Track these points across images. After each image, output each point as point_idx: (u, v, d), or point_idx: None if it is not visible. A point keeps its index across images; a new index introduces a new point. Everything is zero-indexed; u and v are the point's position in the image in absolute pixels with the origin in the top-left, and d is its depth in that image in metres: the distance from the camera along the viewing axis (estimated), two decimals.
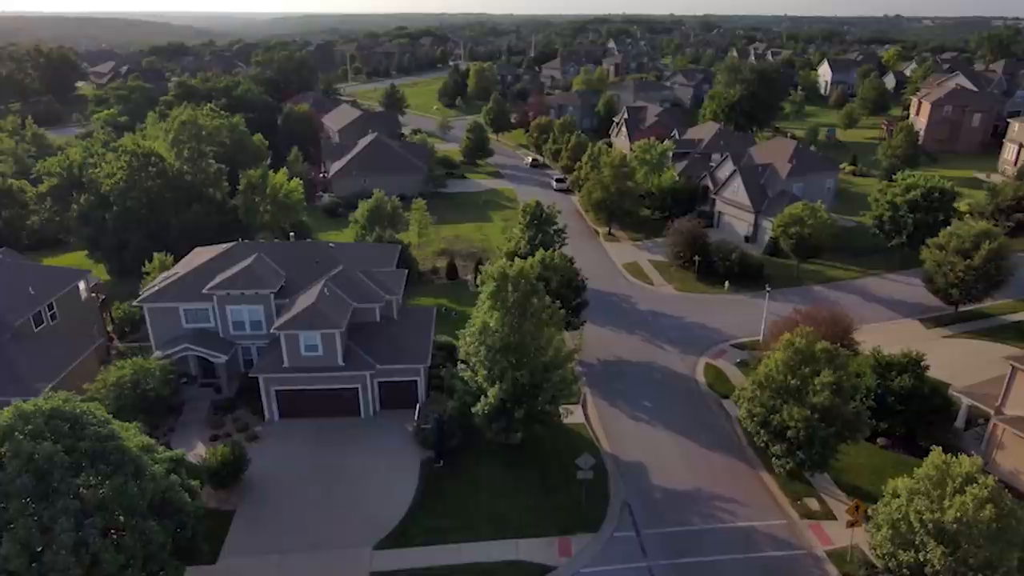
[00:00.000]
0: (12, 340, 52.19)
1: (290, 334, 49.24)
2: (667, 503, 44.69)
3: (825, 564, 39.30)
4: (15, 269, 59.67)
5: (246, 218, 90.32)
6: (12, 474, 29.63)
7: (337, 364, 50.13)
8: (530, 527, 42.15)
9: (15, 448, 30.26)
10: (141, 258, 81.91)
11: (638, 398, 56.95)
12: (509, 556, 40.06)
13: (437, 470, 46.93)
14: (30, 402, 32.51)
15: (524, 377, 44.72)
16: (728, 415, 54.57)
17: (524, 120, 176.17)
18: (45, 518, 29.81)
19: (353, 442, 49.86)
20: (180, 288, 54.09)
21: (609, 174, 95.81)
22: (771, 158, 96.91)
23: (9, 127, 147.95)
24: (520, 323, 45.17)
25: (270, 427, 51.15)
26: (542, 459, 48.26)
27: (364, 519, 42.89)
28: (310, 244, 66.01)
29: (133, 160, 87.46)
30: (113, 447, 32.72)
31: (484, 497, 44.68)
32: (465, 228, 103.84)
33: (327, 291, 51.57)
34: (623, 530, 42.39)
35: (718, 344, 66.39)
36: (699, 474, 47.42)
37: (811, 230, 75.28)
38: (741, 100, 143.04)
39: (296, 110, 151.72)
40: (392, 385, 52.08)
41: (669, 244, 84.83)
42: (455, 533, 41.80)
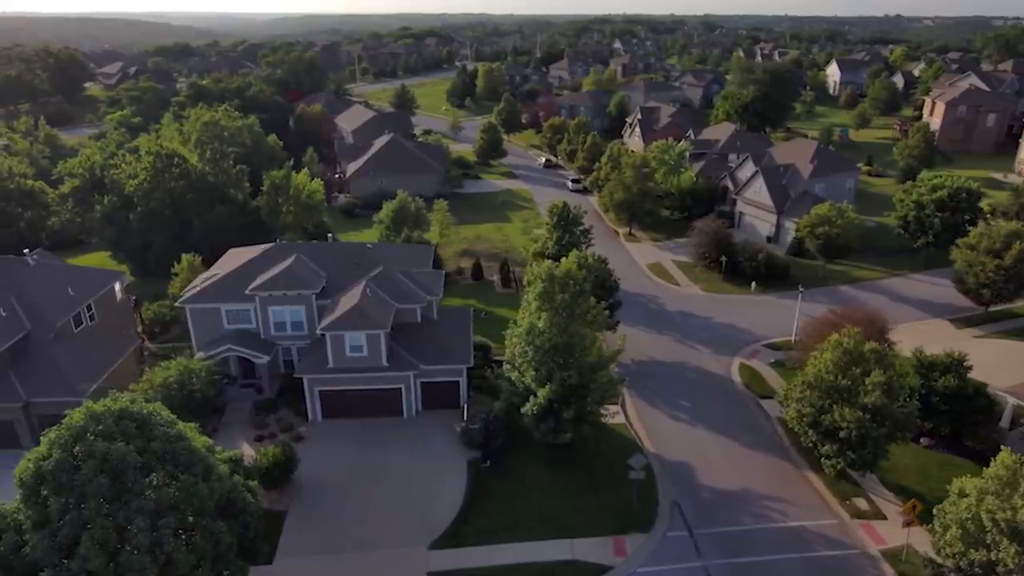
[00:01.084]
0: (55, 341, 52.27)
1: (335, 335, 49.36)
2: (716, 503, 44.84)
3: (880, 563, 39.46)
4: (53, 270, 59.74)
5: (269, 219, 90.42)
6: (88, 475, 29.73)
7: (381, 365, 50.26)
8: (582, 527, 42.29)
9: (89, 449, 30.38)
10: (165, 259, 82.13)
11: (675, 398, 57.12)
12: (564, 556, 40.20)
13: (484, 470, 47.05)
14: (99, 403, 32.66)
15: (573, 377, 44.89)
16: (767, 415, 54.75)
17: (535, 120, 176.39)
18: (121, 518, 29.91)
19: (397, 442, 49.99)
20: (222, 289, 54.22)
21: (630, 175, 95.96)
22: (792, 158, 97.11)
23: (22, 128, 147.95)
24: (567, 324, 45.32)
25: (313, 427, 51.27)
26: (587, 459, 48.42)
27: (416, 519, 43.03)
28: (348, 245, 66.12)
29: (157, 161, 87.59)
30: (183, 448, 32.86)
31: (533, 497, 44.82)
32: (485, 228, 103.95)
33: (369, 292, 51.66)
34: (675, 530, 42.55)
35: (750, 344, 66.55)
36: (745, 474, 47.56)
37: (839, 230, 75.42)
38: (755, 101, 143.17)
39: (310, 111, 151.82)
40: (434, 385, 52.23)
41: (694, 245, 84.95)
42: (508, 533, 41.93)
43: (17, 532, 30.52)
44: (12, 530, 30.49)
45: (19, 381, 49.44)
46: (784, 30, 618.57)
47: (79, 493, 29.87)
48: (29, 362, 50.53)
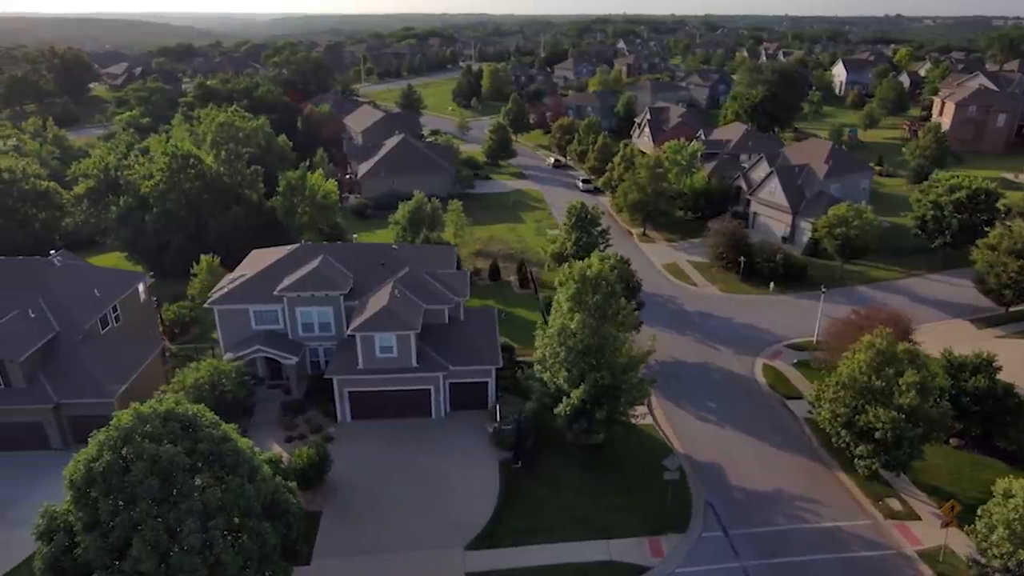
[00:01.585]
0: (83, 342, 52.31)
1: (366, 336, 49.40)
2: (749, 503, 44.91)
3: (918, 564, 39.55)
4: (78, 271, 59.78)
5: (285, 219, 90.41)
6: (139, 476, 29.76)
7: (411, 365, 50.32)
8: (617, 527, 42.37)
9: (138, 450, 30.40)
10: (181, 260, 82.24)
11: (701, 399, 57.21)
12: (601, 556, 40.28)
13: (515, 471, 47.09)
14: (146, 404, 32.71)
15: (606, 378, 44.93)
16: (794, 415, 54.85)
17: (542, 121, 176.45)
18: (172, 520, 29.95)
19: (427, 443, 50.05)
20: (250, 290, 54.27)
21: (645, 175, 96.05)
22: (806, 159, 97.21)
23: (31, 129, 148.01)
24: (599, 325, 45.38)
25: (343, 428, 51.30)
26: (618, 460, 48.51)
27: (450, 520, 43.09)
28: (373, 245, 66.19)
29: (172, 162, 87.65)
30: (229, 449, 32.90)
31: (566, 498, 44.89)
32: (498, 229, 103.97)
33: (397, 293, 51.71)
34: (710, 530, 42.62)
35: (771, 345, 66.64)
36: (776, 474, 47.65)
37: (857, 231, 75.49)
38: (764, 101, 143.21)
39: (318, 111, 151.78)
40: (463, 386, 52.32)
41: (711, 245, 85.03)
42: (543, 534, 42.00)
43: (67, 533, 30.54)
44: (62, 531, 30.49)
45: (49, 383, 49.48)
46: (785, 30, 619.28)
47: (129, 494, 29.91)
48: (58, 364, 50.55)
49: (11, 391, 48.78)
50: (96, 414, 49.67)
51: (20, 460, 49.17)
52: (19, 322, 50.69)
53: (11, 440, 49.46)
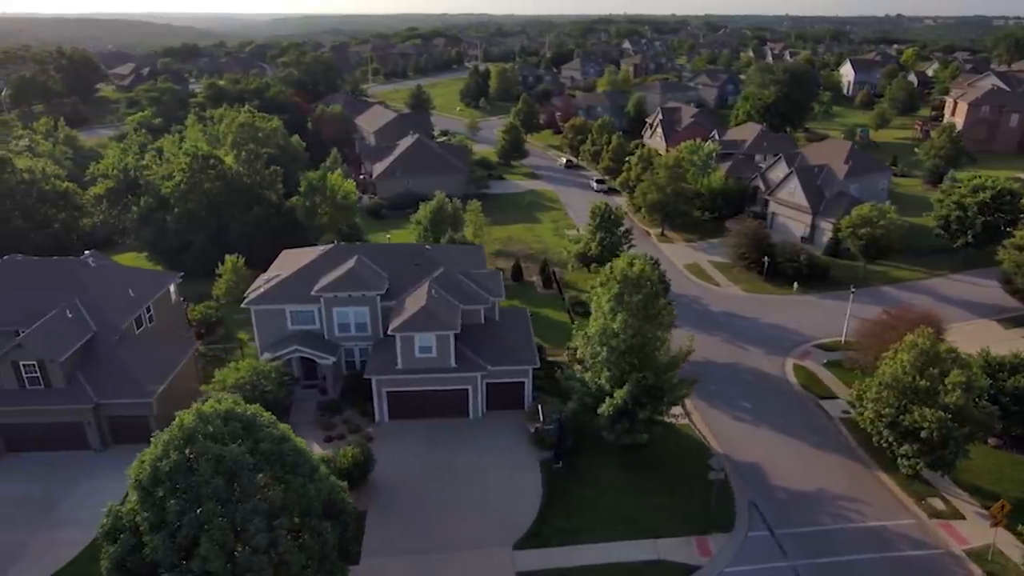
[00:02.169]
0: (120, 342, 52.36)
1: (405, 336, 49.47)
2: (792, 503, 45.02)
3: (966, 563, 39.65)
4: (112, 272, 59.85)
5: (306, 220, 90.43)
6: (206, 476, 29.84)
7: (450, 365, 50.40)
8: (663, 527, 42.47)
9: (203, 450, 30.47)
10: (202, 260, 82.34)
11: (734, 398, 57.30)
12: (650, 556, 40.37)
13: (557, 470, 47.16)
14: (206, 404, 32.78)
15: (649, 378, 45.07)
16: (828, 415, 54.96)
17: (551, 121, 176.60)
18: (238, 519, 30.00)
19: (466, 443, 50.15)
20: (286, 290, 54.33)
21: (664, 175, 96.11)
22: (826, 159, 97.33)
23: (43, 129, 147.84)
24: (641, 325, 45.48)
25: (380, 428, 51.37)
26: (658, 460, 48.60)
27: (496, 519, 43.18)
28: (406, 246, 66.24)
29: (193, 162, 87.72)
30: (289, 448, 33.01)
31: (610, 497, 44.98)
32: (515, 229, 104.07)
33: (434, 293, 51.78)
34: (756, 530, 42.70)
35: (800, 345, 66.76)
36: (816, 474, 47.76)
37: (882, 231, 75.61)
38: (776, 101, 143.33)
39: (330, 111, 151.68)
40: (499, 386, 52.39)
41: (732, 245, 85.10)
42: (589, 533, 42.09)
43: (133, 533, 30.58)
44: (128, 531, 30.54)
45: (88, 383, 49.51)
46: (786, 30, 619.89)
47: (195, 494, 29.97)
48: (97, 364, 50.61)
49: (51, 391, 48.82)
50: (134, 414, 50.07)
51: (59, 460, 49.26)
52: (58, 322, 50.75)
53: (51, 440, 49.52)
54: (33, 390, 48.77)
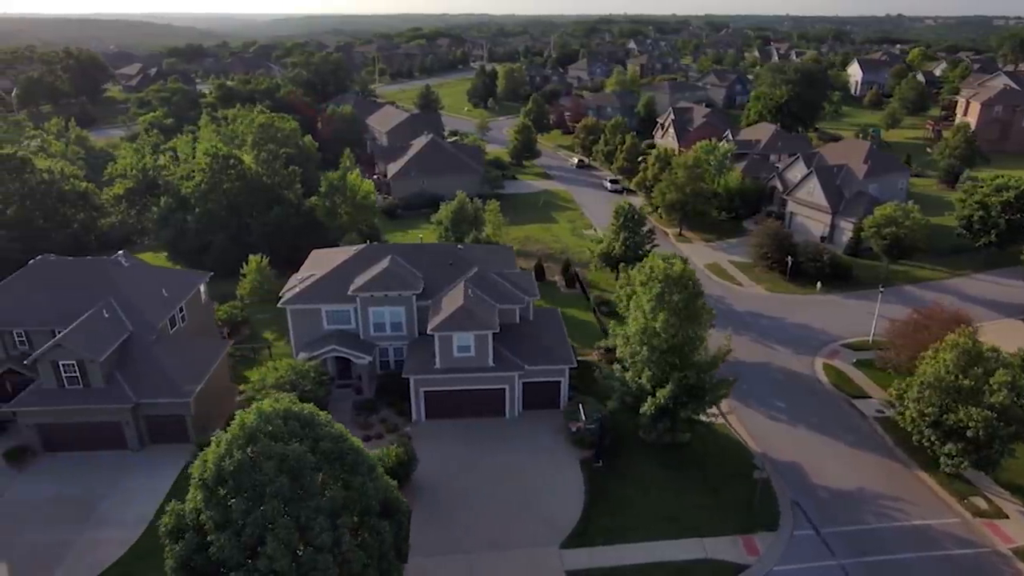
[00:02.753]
0: (156, 342, 52.38)
1: (444, 335, 49.53)
2: (834, 502, 45.10)
3: (1014, 562, 39.76)
4: (144, 271, 59.86)
5: (326, 219, 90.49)
6: (270, 475, 29.85)
7: (488, 365, 50.46)
8: (708, 526, 42.56)
9: (267, 449, 30.49)
10: (223, 260, 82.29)
11: (767, 398, 57.39)
12: (697, 555, 40.45)
13: (597, 470, 47.22)
14: (265, 403, 32.78)
15: (691, 378, 45.15)
16: (863, 415, 55.03)
17: (560, 121, 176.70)
18: (302, 518, 30.03)
19: (504, 442, 50.22)
20: (322, 290, 54.36)
21: (683, 175, 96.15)
22: (844, 159, 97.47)
23: (54, 129, 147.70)
24: (683, 324, 45.55)
25: (418, 428, 51.42)
26: (696, 458, 48.71)
27: (539, 518, 43.24)
28: (438, 246, 66.21)
29: (214, 163, 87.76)
30: (348, 447, 33.04)
31: (653, 496, 45.06)
32: (532, 229, 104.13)
33: (471, 292, 51.83)
34: (801, 529, 42.75)
35: (828, 345, 66.86)
36: (855, 473, 47.85)
37: (906, 231, 75.73)
38: (789, 101, 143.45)
39: (341, 112, 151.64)
40: (536, 386, 52.45)
41: (754, 245, 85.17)
42: (634, 532, 42.17)
43: (197, 532, 30.59)
44: (192, 530, 30.56)
45: (126, 383, 49.51)
46: (787, 30, 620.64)
47: (259, 493, 29.98)
48: (134, 364, 50.61)
49: (90, 391, 48.84)
50: (172, 414, 50.12)
51: (97, 460, 49.32)
52: (95, 322, 50.76)
53: (90, 440, 49.59)
54: (72, 389, 48.81)
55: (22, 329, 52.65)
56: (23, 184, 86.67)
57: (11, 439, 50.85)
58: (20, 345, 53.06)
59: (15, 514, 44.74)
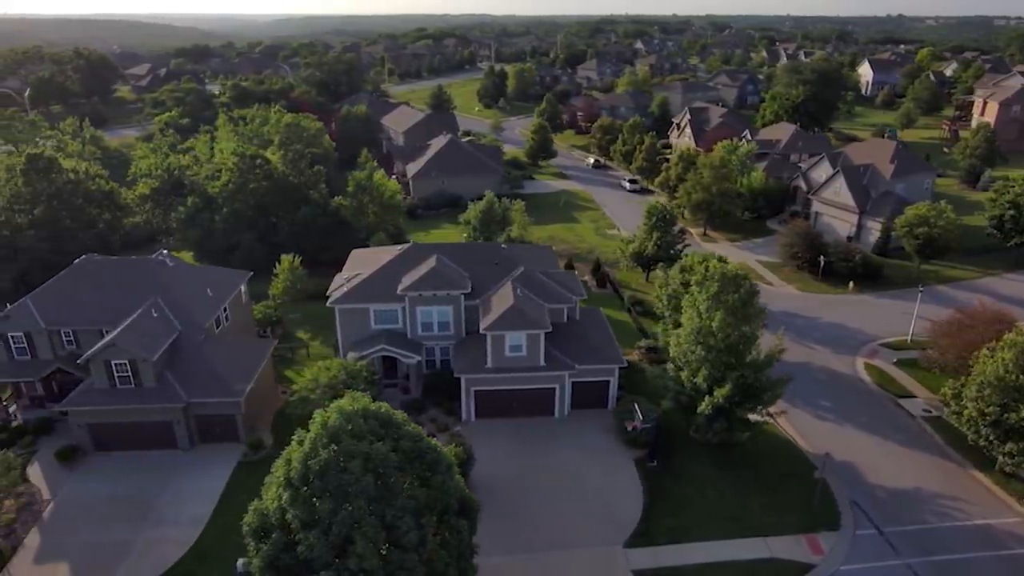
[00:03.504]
0: (205, 342, 52.29)
1: (496, 335, 49.47)
2: (892, 502, 45.05)
3: None
4: (188, 271, 59.80)
5: (353, 219, 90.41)
6: (357, 474, 29.75)
7: (539, 364, 50.40)
8: (770, 526, 42.51)
9: (350, 448, 30.39)
10: (250, 260, 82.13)
11: (812, 397, 57.33)
12: (762, 554, 40.38)
13: (652, 469, 47.17)
14: (344, 402, 32.68)
15: (748, 377, 45.12)
16: (910, 414, 54.97)
17: (573, 121, 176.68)
18: (388, 517, 29.95)
19: (556, 441, 50.17)
20: (370, 289, 54.24)
21: (708, 175, 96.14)
22: (870, 159, 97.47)
23: (69, 129, 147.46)
24: (738, 324, 45.51)
25: (468, 427, 51.34)
26: (749, 458, 48.69)
27: (600, 518, 43.19)
28: (481, 245, 66.13)
29: (241, 162, 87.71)
30: (427, 446, 33.00)
31: (711, 496, 45.02)
32: (555, 229, 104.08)
33: (519, 292, 51.76)
34: (862, 528, 42.68)
35: (866, 344, 66.83)
36: (909, 473, 47.81)
37: (940, 230, 75.74)
38: (805, 100, 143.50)
39: (355, 112, 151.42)
40: (585, 385, 52.39)
41: (784, 244, 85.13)
42: (697, 532, 42.14)
43: (283, 532, 30.48)
44: (278, 529, 30.46)
45: (177, 382, 49.40)
46: (788, 30, 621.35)
47: (345, 492, 29.88)
48: (184, 363, 50.54)
49: (142, 390, 48.76)
50: (222, 413, 50.02)
51: (148, 460, 49.26)
52: (145, 321, 50.67)
53: (140, 440, 49.53)
54: (124, 389, 48.72)
55: (70, 329, 52.49)
56: (50, 184, 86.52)
57: (61, 438, 50.80)
58: (68, 345, 52.95)
59: (71, 514, 44.68)
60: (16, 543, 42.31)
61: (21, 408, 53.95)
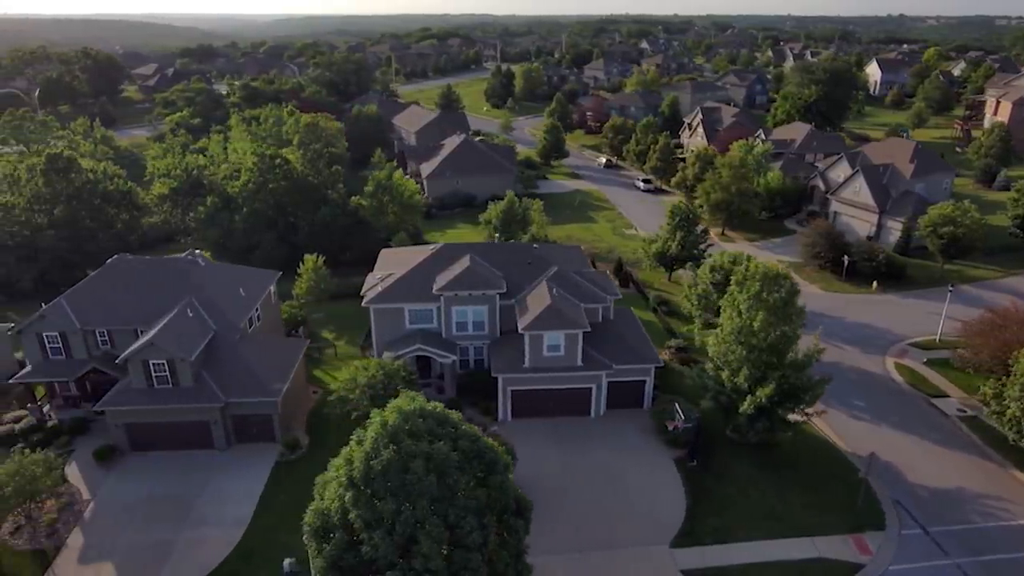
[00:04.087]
0: (241, 341, 52.19)
1: (535, 334, 49.38)
2: (935, 501, 44.97)
3: None
4: (220, 270, 59.67)
5: (373, 219, 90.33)
6: (420, 474, 29.66)
7: (577, 364, 50.30)
8: (815, 525, 42.44)
9: (411, 448, 30.30)
10: (270, 260, 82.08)
11: (846, 396, 57.23)
12: (811, 554, 40.30)
13: (692, 469, 47.10)
14: (401, 401, 32.61)
15: (791, 376, 45.05)
16: (943, 414, 54.90)
17: (583, 121, 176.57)
18: (451, 517, 29.85)
19: (593, 441, 50.07)
20: (404, 289, 54.15)
21: (728, 175, 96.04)
22: (889, 158, 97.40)
23: (80, 130, 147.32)
24: (779, 323, 45.42)
25: (505, 427, 51.21)
26: (788, 458, 48.67)
27: (644, 517, 43.11)
28: (512, 245, 65.97)
29: (260, 162, 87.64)
30: (485, 446, 32.89)
31: (753, 496, 44.94)
32: (572, 228, 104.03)
33: (555, 292, 51.66)
34: (907, 528, 42.60)
35: (894, 344, 66.77)
36: (950, 472, 47.74)
37: (965, 230, 75.69)
38: (818, 100, 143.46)
39: (366, 111, 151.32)
40: (621, 385, 52.29)
41: (806, 244, 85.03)
42: (742, 531, 42.05)
43: (345, 532, 30.36)
44: (339, 529, 30.33)
45: (214, 382, 49.28)
46: (789, 29, 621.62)
47: (407, 492, 29.78)
48: (220, 363, 50.43)
49: (179, 390, 48.65)
50: (259, 413, 49.92)
51: (184, 460, 49.16)
52: (182, 321, 50.57)
53: (178, 440, 49.42)
54: (161, 389, 48.62)
55: (105, 329, 52.36)
56: (69, 184, 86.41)
57: (96, 438, 50.71)
58: (102, 345, 52.82)
59: (111, 514, 44.59)
60: (59, 543, 42.20)
61: (54, 408, 53.78)
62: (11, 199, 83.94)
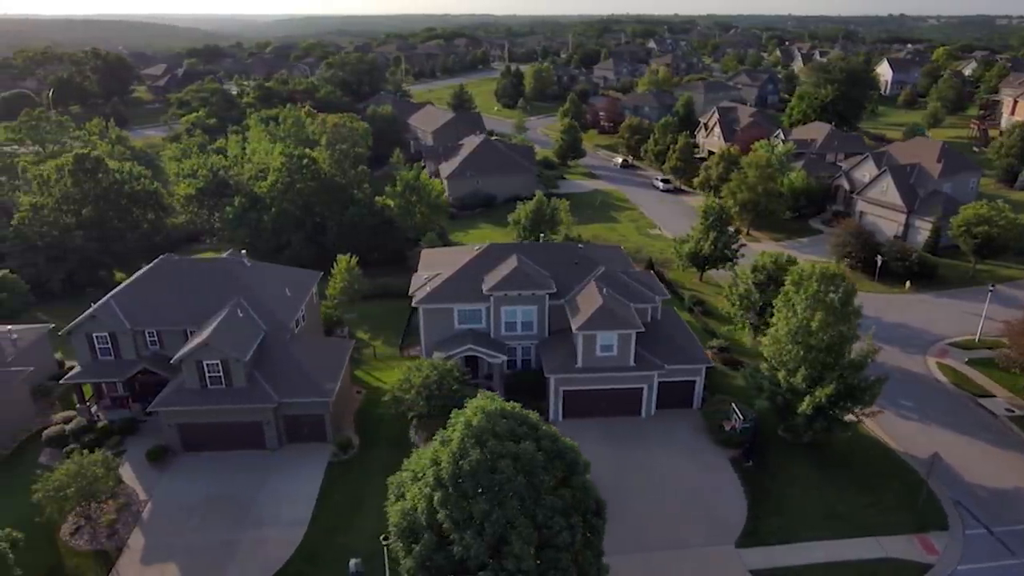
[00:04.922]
0: (291, 342, 52.12)
1: (588, 334, 49.32)
2: (995, 501, 44.94)
3: None
4: (265, 270, 59.56)
5: (401, 219, 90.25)
6: (508, 474, 29.62)
7: (629, 364, 50.23)
8: (878, 525, 42.39)
9: (499, 448, 30.26)
10: (298, 260, 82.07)
11: (892, 396, 56.88)
12: (877, 554, 40.25)
13: (749, 469, 47.04)
14: (483, 401, 32.58)
15: (849, 376, 45.01)
16: (992, 413, 54.88)
17: (596, 121, 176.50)
18: (540, 517, 29.80)
19: (647, 441, 50.03)
20: (453, 289, 54.08)
21: (754, 175, 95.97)
22: (915, 158, 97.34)
23: (96, 130, 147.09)
24: (837, 323, 45.38)
25: (557, 427, 50.58)
26: (842, 457, 48.64)
27: (705, 517, 43.07)
28: (558, 245, 66.02)
29: (289, 162, 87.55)
30: (566, 446, 32.83)
31: (813, 496, 44.91)
32: (596, 228, 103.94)
33: (606, 292, 51.60)
34: (970, 528, 42.55)
35: (934, 344, 66.72)
36: (1007, 472, 47.72)
37: (1000, 230, 75.68)
38: (834, 100, 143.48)
39: (381, 111, 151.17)
40: (671, 385, 52.25)
41: (836, 244, 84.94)
42: (806, 531, 42.02)
43: (434, 532, 30.29)
44: (428, 530, 30.26)
45: (266, 382, 49.20)
46: (791, 29, 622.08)
47: (496, 492, 29.72)
48: (271, 364, 50.38)
49: (232, 391, 48.58)
50: (311, 413, 49.84)
51: (237, 460, 49.14)
52: (233, 322, 50.47)
53: (230, 440, 49.39)
54: (215, 389, 48.54)
55: (154, 329, 52.25)
56: (97, 184, 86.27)
57: (147, 439, 50.66)
58: (152, 345, 52.72)
59: (169, 514, 44.55)
60: (120, 544, 42.14)
61: (102, 408, 53.66)
62: (40, 199, 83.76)
